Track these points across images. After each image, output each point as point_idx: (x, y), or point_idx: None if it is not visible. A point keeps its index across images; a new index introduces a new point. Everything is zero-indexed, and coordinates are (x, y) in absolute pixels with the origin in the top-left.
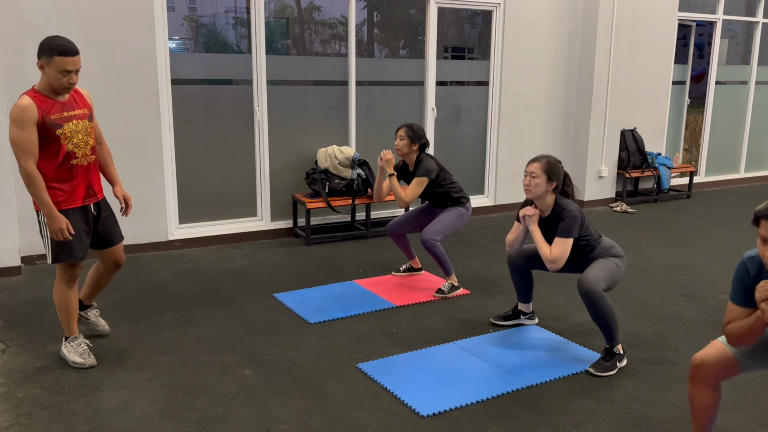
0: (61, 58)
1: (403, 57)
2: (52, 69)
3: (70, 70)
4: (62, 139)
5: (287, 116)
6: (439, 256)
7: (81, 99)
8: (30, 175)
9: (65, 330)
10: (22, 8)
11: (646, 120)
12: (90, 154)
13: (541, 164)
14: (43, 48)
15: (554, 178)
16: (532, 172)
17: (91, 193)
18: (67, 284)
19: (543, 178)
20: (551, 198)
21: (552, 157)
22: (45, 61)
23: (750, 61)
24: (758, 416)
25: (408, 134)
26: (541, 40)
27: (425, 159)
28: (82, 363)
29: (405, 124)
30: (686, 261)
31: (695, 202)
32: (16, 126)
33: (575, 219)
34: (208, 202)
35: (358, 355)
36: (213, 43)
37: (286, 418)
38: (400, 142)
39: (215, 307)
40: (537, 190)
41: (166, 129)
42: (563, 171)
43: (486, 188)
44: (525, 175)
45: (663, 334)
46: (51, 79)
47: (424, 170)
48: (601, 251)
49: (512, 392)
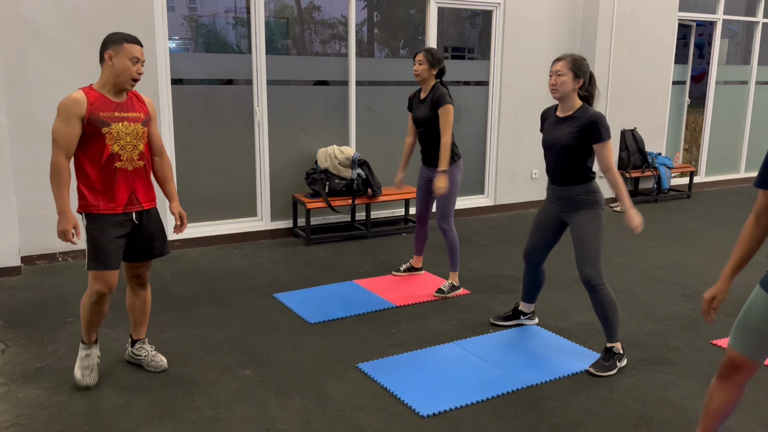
0: (130, 45)
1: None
2: (122, 57)
3: (139, 58)
4: (108, 138)
5: (287, 116)
6: (452, 244)
7: (140, 104)
8: (57, 168)
9: (83, 334)
10: (22, 8)
11: (646, 120)
12: (137, 159)
13: (566, 62)
14: (110, 39)
15: (581, 75)
16: (558, 70)
17: (135, 201)
18: (92, 298)
19: (569, 75)
20: (577, 100)
21: (577, 55)
22: (114, 50)
23: (750, 61)
24: (758, 416)
25: (427, 58)
26: (541, 40)
27: (439, 87)
28: (78, 381)
29: (424, 48)
30: (686, 261)
31: (695, 202)
32: (59, 117)
33: (605, 121)
34: (208, 202)
35: (358, 355)
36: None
37: (286, 418)
38: (419, 67)
39: (215, 307)
40: (564, 88)
41: (166, 129)
42: (589, 69)
43: (486, 188)
44: (551, 75)
45: (663, 334)
46: (119, 68)
47: (445, 97)
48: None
49: (512, 392)
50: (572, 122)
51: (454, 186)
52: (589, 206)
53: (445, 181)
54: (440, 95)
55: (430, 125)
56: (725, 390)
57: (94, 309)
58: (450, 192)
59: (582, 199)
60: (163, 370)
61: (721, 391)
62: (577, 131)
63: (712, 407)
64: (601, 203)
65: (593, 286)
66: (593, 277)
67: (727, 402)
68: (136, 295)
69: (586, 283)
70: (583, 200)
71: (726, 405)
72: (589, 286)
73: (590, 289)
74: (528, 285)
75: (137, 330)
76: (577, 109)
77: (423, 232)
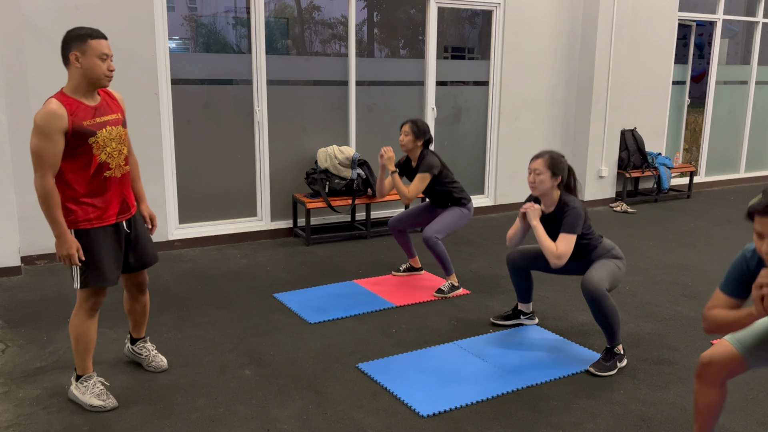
0: (95, 41)
1: (403, 57)
2: (90, 56)
3: (108, 54)
4: (95, 148)
5: (287, 116)
6: (441, 254)
7: (114, 102)
8: (46, 191)
9: (78, 367)
10: (22, 8)
11: (646, 120)
12: (124, 165)
13: (544, 160)
14: (70, 39)
15: (558, 173)
16: (536, 169)
17: (126, 208)
18: (88, 313)
19: (547, 174)
20: (556, 194)
21: (554, 152)
22: (79, 50)
23: (750, 61)
24: (758, 416)
25: (413, 129)
26: (541, 40)
27: (428, 155)
28: (102, 406)
29: (409, 119)
30: (686, 261)
31: (695, 202)
32: (39, 134)
33: (579, 215)
34: (208, 202)
35: (358, 355)
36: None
37: (286, 418)
38: (404, 138)
39: (215, 307)
40: (542, 186)
41: (166, 129)
42: (567, 165)
43: (486, 188)
44: (529, 173)
45: (663, 334)
46: (88, 69)
47: (427, 166)
48: (602, 251)
49: (512, 392)
50: (556, 220)
51: (461, 220)
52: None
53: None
54: (426, 163)
55: (429, 191)
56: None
57: (90, 325)
58: (456, 221)
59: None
60: (163, 370)
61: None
62: None
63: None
64: (620, 256)
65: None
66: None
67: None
68: (135, 301)
69: (587, 294)
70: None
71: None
72: (590, 297)
73: (591, 300)
74: (517, 287)
75: (138, 329)
76: (557, 204)
77: (404, 239)
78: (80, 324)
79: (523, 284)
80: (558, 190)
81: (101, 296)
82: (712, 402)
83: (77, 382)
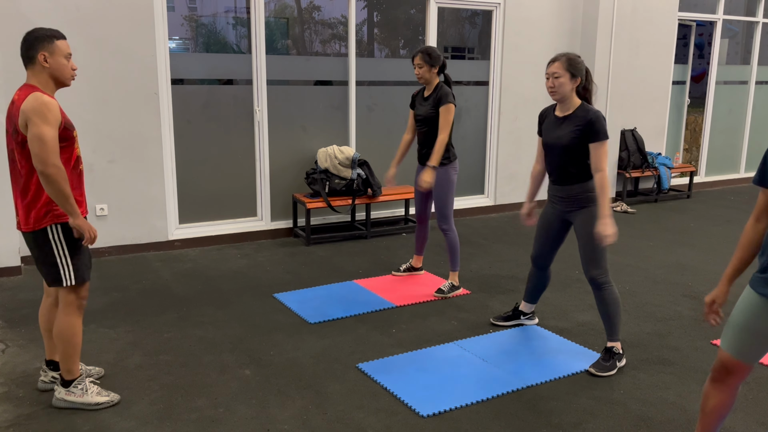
0: (61, 41)
1: (403, 57)
2: (58, 56)
3: (70, 53)
4: (76, 141)
5: (287, 116)
6: (452, 244)
7: None
8: (60, 171)
9: (68, 372)
10: (22, 8)
11: (646, 120)
12: None
13: (561, 63)
14: (38, 39)
15: (578, 74)
16: (554, 72)
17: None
18: (78, 311)
19: (566, 76)
20: (576, 99)
21: (571, 54)
22: (48, 51)
23: (750, 61)
24: (758, 416)
25: (425, 59)
26: (541, 40)
27: (443, 87)
28: (109, 401)
29: (419, 49)
30: (686, 261)
31: (695, 202)
32: (44, 122)
33: (604, 120)
34: (208, 202)
35: (358, 355)
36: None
37: (286, 418)
38: (419, 70)
39: (215, 307)
40: (562, 89)
41: (166, 129)
42: (584, 66)
43: (486, 188)
44: (547, 78)
45: (663, 334)
46: (57, 69)
47: (448, 96)
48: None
49: (512, 392)
50: (572, 121)
51: (450, 186)
52: (592, 203)
53: (432, 176)
54: (443, 94)
55: (432, 123)
56: (719, 392)
57: (79, 322)
58: (447, 192)
59: (585, 196)
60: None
61: (716, 393)
62: (578, 130)
63: (707, 409)
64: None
65: (599, 283)
66: (598, 275)
67: (722, 404)
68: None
69: (592, 281)
70: (586, 197)
71: (721, 407)
72: (594, 283)
73: (595, 286)
74: (532, 286)
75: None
76: (577, 108)
77: (422, 232)
78: (73, 324)
79: (539, 284)
80: (576, 97)
81: (86, 290)
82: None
83: (68, 388)
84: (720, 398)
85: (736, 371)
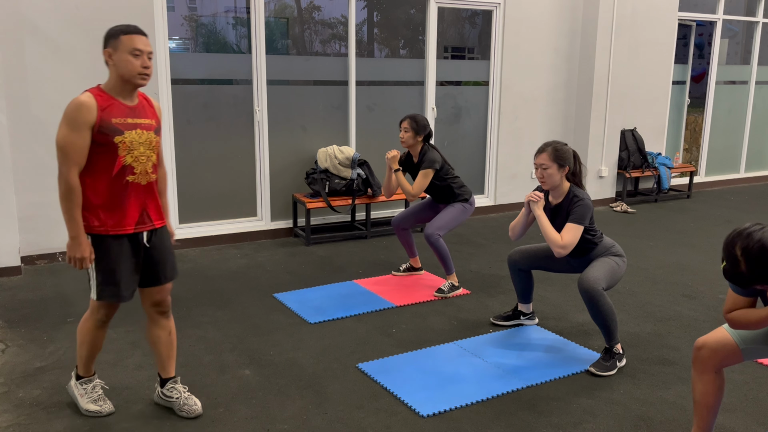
0: (127, 36)
1: (403, 57)
2: (121, 52)
3: (141, 49)
4: (120, 148)
5: (287, 116)
6: (442, 252)
7: (151, 109)
8: (69, 187)
9: (81, 368)
10: (22, 8)
11: (646, 120)
12: (151, 173)
13: (548, 154)
14: (107, 35)
15: (565, 163)
16: (542, 164)
17: (146, 220)
18: (99, 323)
19: (554, 167)
20: (566, 185)
21: (557, 143)
22: (112, 46)
23: (750, 61)
24: (758, 416)
25: (412, 126)
26: (541, 40)
27: (429, 151)
28: (98, 411)
29: (408, 115)
30: (686, 261)
31: (695, 202)
32: (68, 126)
33: (588, 207)
34: (208, 202)
35: (358, 355)
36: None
37: (286, 418)
38: (404, 134)
39: (215, 307)
40: (551, 180)
41: (166, 129)
42: (571, 152)
43: (486, 188)
44: (536, 168)
45: (663, 334)
46: (121, 65)
47: (429, 162)
48: (602, 249)
49: (512, 392)
50: (564, 209)
51: (460, 218)
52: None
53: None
54: (428, 159)
55: (430, 186)
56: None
57: (99, 333)
58: (454, 218)
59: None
60: (198, 415)
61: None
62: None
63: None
64: (620, 253)
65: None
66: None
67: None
68: (159, 327)
69: (583, 293)
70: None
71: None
72: (586, 296)
73: (587, 298)
74: (518, 287)
75: (165, 367)
76: (566, 194)
77: (406, 238)
78: (89, 331)
79: (524, 285)
80: (567, 181)
81: (113, 309)
82: (707, 391)
83: (77, 381)
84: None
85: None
